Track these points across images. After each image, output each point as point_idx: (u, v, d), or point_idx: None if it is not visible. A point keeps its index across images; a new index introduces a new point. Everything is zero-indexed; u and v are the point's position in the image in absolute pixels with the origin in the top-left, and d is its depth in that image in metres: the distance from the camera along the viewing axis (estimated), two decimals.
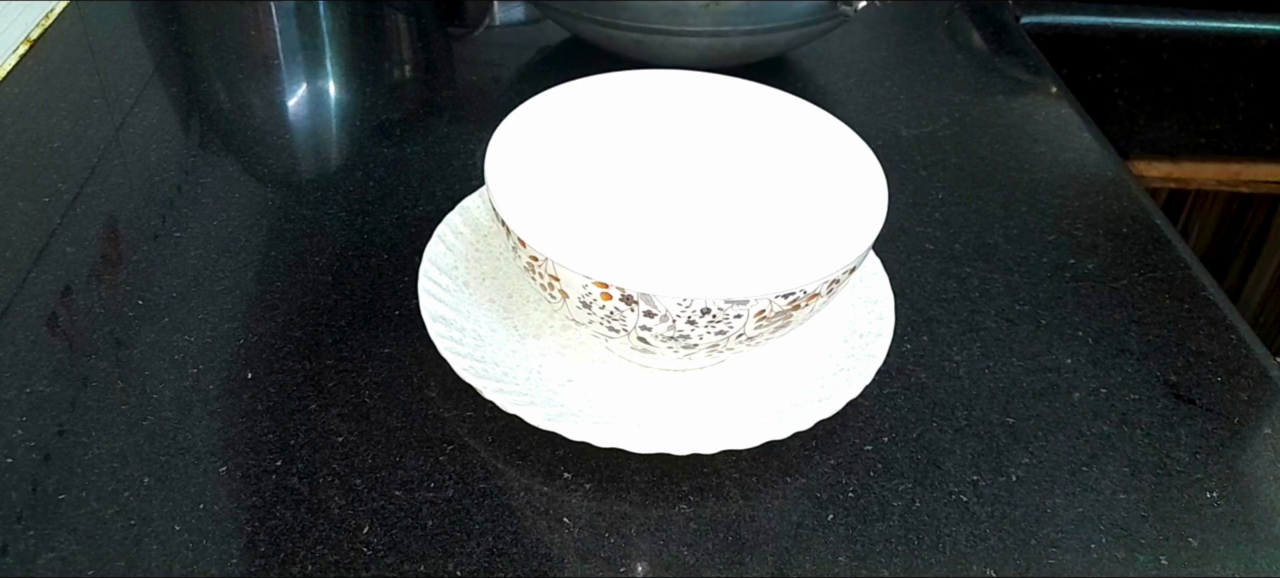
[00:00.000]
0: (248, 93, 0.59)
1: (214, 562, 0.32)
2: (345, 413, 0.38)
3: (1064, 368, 0.42)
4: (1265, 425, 0.40)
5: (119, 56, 0.60)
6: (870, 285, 0.42)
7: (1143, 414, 0.40)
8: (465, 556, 0.33)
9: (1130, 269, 0.48)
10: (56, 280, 0.43)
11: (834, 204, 0.39)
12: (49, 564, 0.32)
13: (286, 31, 0.64)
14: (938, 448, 0.38)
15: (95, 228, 0.46)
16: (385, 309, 0.42)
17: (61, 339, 0.40)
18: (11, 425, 0.36)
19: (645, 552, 0.34)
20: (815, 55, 0.64)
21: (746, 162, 0.43)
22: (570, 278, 0.33)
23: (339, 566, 0.32)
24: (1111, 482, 0.37)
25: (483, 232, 0.44)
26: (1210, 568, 0.34)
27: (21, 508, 0.33)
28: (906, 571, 0.34)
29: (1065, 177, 0.56)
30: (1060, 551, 0.35)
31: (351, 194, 0.49)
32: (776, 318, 0.34)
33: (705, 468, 0.36)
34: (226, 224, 0.47)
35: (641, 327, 0.34)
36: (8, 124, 0.52)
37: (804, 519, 0.35)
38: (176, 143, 0.52)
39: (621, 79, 0.42)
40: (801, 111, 0.41)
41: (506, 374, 0.38)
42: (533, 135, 0.39)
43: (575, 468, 0.36)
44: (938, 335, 0.43)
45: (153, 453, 0.35)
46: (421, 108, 0.58)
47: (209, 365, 0.39)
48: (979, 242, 0.49)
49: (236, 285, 0.43)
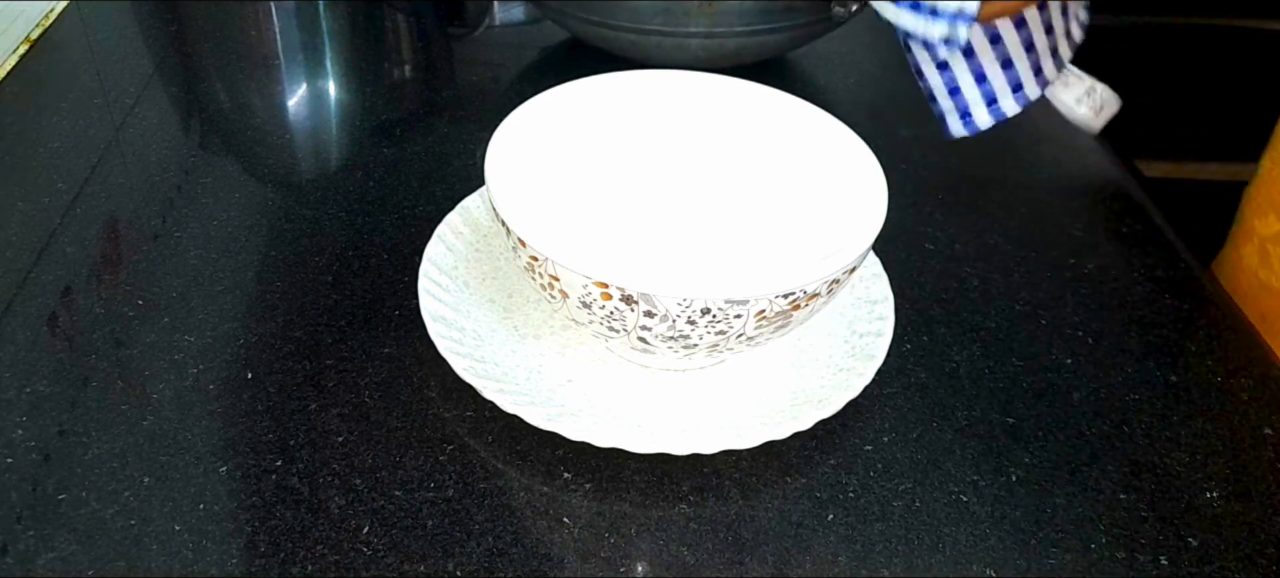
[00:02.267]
0: (248, 93, 0.59)
1: (214, 562, 0.32)
2: (345, 413, 0.38)
3: (1064, 368, 0.42)
4: (1265, 426, 0.40)
5: (119, 56, 0.60)
6: (870, 285, 0.42)
7: (1143, 414, 0.40)
8: (465, 556, 0.33)
9: (1130, 269, 0.48)
10: (56, 280, 0.43)
11: (834, 204, 0.39)
12: (49, 564, 0.32)
13: (286, 31, 0.64)
14: (938, 448, 0.38)
15: (95, 228, 0.46)
16: (385, 309, 0.42)
17: (61, 339, 0.40)
18: (11, 426, 0.36)
19: (645, 552, 0.34)
20: (815, 55, 0.64)
21: (746, 162, 0.43)
22: (570, 278, 0.33)
23: (339, 566, 0.32)
24: (1111, 482, 0.37)
25: (483, 232, 0.44)
26: (1210, 568, 0.34)
27: (21, 508, 0.33)
28: (906, 571, 0.34)
29: (1065, 176, 0.56)
30: (1060, 551, 0.35)
31: (351, 194, 0.49)
32: (776, 318, 0.34)
33: (705, 468, 0.36)
34: (226, 224, 0.46)
35: (641, 327, 0.34)
36: (8, 124, 0.52)
37: (804, 519, 0.35)
38: (176, 143, 0.52)
39: (621, 79, 0.42)
40: (801, 111, 0.41)
41: (506, 374, 0.38)
42: (533, 135, 0.39)
43: (575, 468, 0.36)
44: (938, 335, 0.43)
45: (153, 453, 0.35)
46: (421, 108, 0.58)
47: (209, 365, 0.39)
48: (979, 242, 0.49)
49: (236, 285, 0.43)
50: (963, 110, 0.52)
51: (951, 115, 0.52)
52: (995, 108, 0.51)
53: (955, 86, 0.51)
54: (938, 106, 0.52)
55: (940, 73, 0.51)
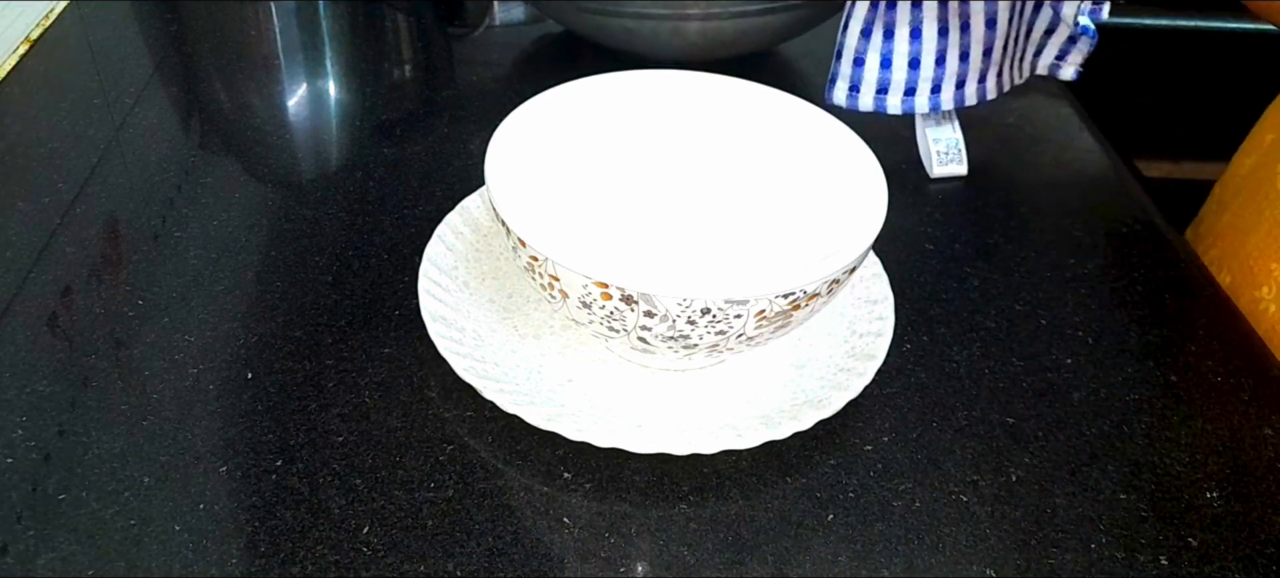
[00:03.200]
0: (248, 93, 0.59)
1: (214, 562, 0.32)
2: (345, 413, 0.38)
3: (1064, 368, 0.42)
4: (1265, 426, 0.40)
5: (119, 56, 0.60)
6: (870, 285, 0.42)
7: (1143, 414, 0.40)
8: (465, 556, 0.33)
9: (1130, 269, 0.48)
10: (56, 280, 0.43)
11: (834, 204, 0.39)
12: (49, 564, 0.32)
13: (286, 31, 0.64)
14: (938, 448, 0.38)
15: (95, 228, 0.46)
16: (385, 309, 0.42)
17: (61, 339, 0.40)
18: (11, 426, 0.36)
19: (645, 552, 0.34)
20: (815, 55, 0.64)
21: (747, 161, 0.43)
22: (570, 278, 0.33)
23: (339, 566, 0.32)
24: (1111, 482, 0.37)
25: (483, 232, 0.44)
26: (1210, 568, 0.34)
27: (21, 508, 0.33)
28: (906, 571, 0.34)
29: (1065, 176, 0.56)
30: (1060, 551, 0.35)
31: (351, 194, 0.49)
32: (776, 318, 0.34)
33: (705, 468, 0.36)
34: (226, 224, 0.46)
35: (641, 327, 0.34)
36: (8, 124, 0.52)
37: (804, 519, 0.35)
38: (176, 143, 0.52)
39: (621, 79, 0.42)
40: (801, 111, 0.41)
41: (506, 374, 0.38)
42: (533, 135, 0.39)
43: (575, 468, 0.36)
44: (938, 335, 0.43)
45: (153, 453, 0.35)
46: (421, 108, 0.58)
47: (209, 365, 0.39)
48: (979, 242, 0.49)
49: (236, 285, 0.43)
50: (853, 84, 0.52)
51: (841, 81, 0.53)
52: (881, 98, 0.52)
53: (861, 57, 0.52)
54: (835, 66, 0.53)
55: (863, 39, 0.51)
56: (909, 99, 0.52)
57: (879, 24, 0.51)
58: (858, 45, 0.52)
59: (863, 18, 0.51)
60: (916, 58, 0.51)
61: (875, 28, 0.51)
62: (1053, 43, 0.54)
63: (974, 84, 0.53)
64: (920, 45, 0.51)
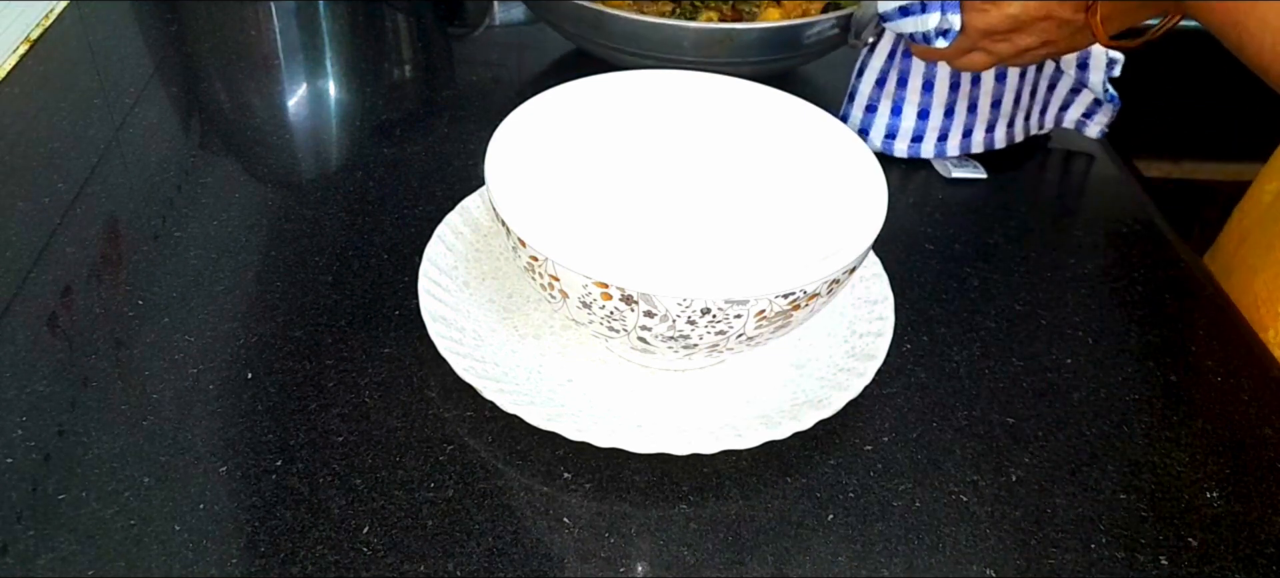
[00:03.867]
0: (248, 93, 0.59)
1: (214, 562, 0.32)
2: (345, 413, 0.38)
3: (1064, 368, 0.42)
4: (1265, 426, 0.40)
5: (119, 56, 0.60)
6: (870, 285, 0.42)
7: (1143, 414, 0.40)
8: (465, 556, 0.33)
9: (1130, 269, 0.48)
10: (56, 280, 0.42)
11: (834, 204, 0.39)
12: (49, 564, 0.32)
13: (286, 31, 0.64)
14: (938, 448, 0.38)
15: (95, 228, 0.46)
16: (385, 309, 0.42)
17: (61, 339, 0.40)
18: (11, 426, 0.36)
19: (645, 552, 0.34)
20: None
21: (747, 162, 0.43)
22: (570, 278, 0.33)
23: (339, 566, 0.32)
24: (1111, 482, 0.37)
25: (483, 232, 0.44)
26: (1210, 568, 0.34)
27: (21, 508, 0.33)
28: (906, 571, 0.34)
29: (1065, 177, 0.56)
30: (1060, 551, 0.35)
31: (351, 194, 0.49)
32: (776, 318, 0.34)
33: (705, 468, 0.36)
34: (226, 224, 0.46)
35: (641, 327, 0.34)
36: (8, 124, 0.52)
37: (804, 519, 0.35)
38: (176, 143, 0.52)
39: (621, 79, 0.42)
40: (801, 111, 0.41)
41: (506, 374, 0.38)
42: (533, 135, 0.39)
43: (575, 468, 0.36)
44: (938, 335, 0.43)
45: (153, 453, 0.35)
46: (421, 108, 0.58)
47: (209, 365, 0.39)
48: (979, 242, 0.49)
49: (236, 285, 0.43)
50: (862, 128, 0.55)
51: (850, 124, 0.55)
52: (888, 142, 0.54)
53: (873, 105, 0.54)
54: (846, 108, 0.55)
55: (877, 87, 0.54)
56: (916, 145, 0.54)
57: (894, 72, 0.53)
58: (871, 93, 0.54)
59: (879, 68, 0.53)
60: (926, 109, 0.53)
61: (890, 76, 0.53)
62: (1079, 101, 0.56)
63: (981, 133, 0.54)
64: (932, 97, 0.53)
